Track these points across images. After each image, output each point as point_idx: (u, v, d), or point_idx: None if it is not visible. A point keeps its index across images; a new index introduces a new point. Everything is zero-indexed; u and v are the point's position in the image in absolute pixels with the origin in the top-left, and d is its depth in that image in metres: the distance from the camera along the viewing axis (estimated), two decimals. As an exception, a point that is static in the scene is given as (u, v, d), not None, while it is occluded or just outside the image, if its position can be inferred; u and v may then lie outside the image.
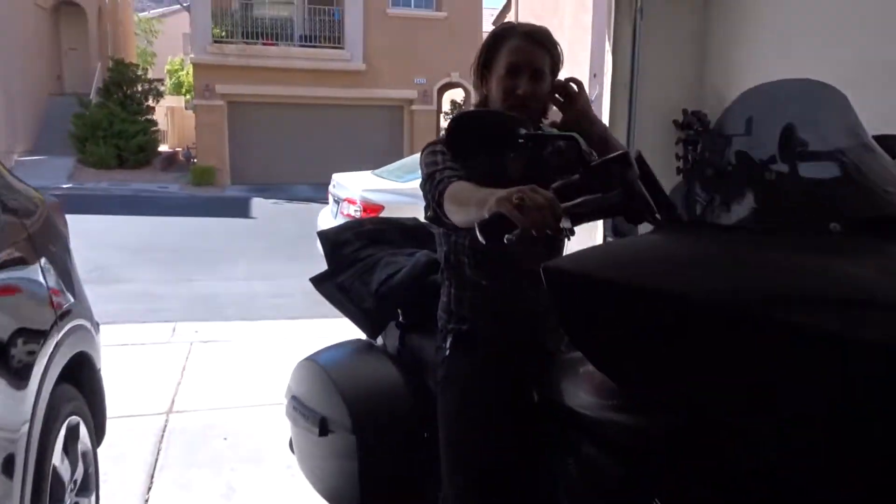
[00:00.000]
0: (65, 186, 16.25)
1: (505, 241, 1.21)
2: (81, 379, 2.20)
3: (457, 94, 21.96)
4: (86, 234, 10.19)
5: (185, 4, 19.54)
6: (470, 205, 1.38)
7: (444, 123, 22.49)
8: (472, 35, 19.44)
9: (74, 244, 2.51)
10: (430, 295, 2.03)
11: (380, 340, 2.26)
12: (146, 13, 32.64)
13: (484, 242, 1.24)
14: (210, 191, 16.95)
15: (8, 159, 17.01)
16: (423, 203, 1.68)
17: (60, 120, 18.41)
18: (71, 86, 20.70)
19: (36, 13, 19.45)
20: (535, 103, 1.68)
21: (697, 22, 3.78)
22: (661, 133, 3.81)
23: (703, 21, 3.81)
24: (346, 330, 2.36)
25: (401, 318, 2.17)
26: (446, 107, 22.70)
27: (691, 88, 3.84)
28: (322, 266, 2.28)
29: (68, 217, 2.52)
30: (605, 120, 3.81)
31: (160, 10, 32.86)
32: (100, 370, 2.34)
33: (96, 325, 2.49)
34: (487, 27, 24.15)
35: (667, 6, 3.72)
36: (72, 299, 2.19)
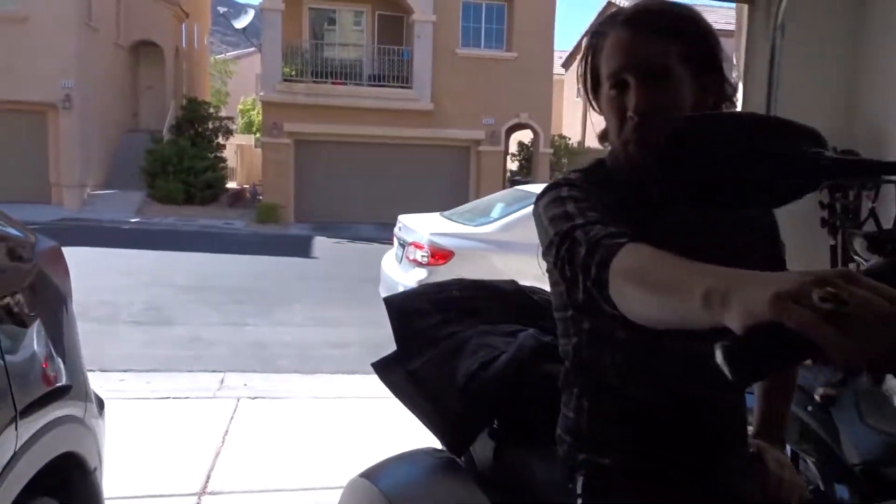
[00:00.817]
0: (132, 221, 16.39)
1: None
2: (68, 489, 1.64)
3: (525, 136, 21.49)
4: (144, 270, 10.04)
5: (257, 44, 19.81)
6: (676, 292, 0.75)
7: (511, 165, 22.03)
8: (542, 75, 19.06)
9: (131, 281, 1.98)
10: (542, 395, 1.43)
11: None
12: (222, 55, 33.68)
13: (733, 377, 0.61)
14: (274, 228, 16.80)
15: (81, 192, 17.34)
16: (498, 250, 1.10)
17: (134, 155, 18.74)
18: (146, 123, 21.16)
19: (115, 52, 20.03)
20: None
21: (849, 41, 3.10)
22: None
23: (855, 40, 3.13)
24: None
25: (496, 425, 1.55)
26: (513, 148, 22.24)
27: (839, 121, 3.14)
28: (384, 322, 1.69)
29: (132, 252, 2.00)
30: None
31: (235, 52, 33.90)
32: (95, 471, 1.77)
33: (100, 404, 1.95)
34: (558, 69, 23.77)
35: (812, 20, 3.06)
36: (61, 379, 1.64)
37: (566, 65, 27.78)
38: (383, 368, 1.63)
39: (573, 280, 0.98)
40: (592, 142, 21.75)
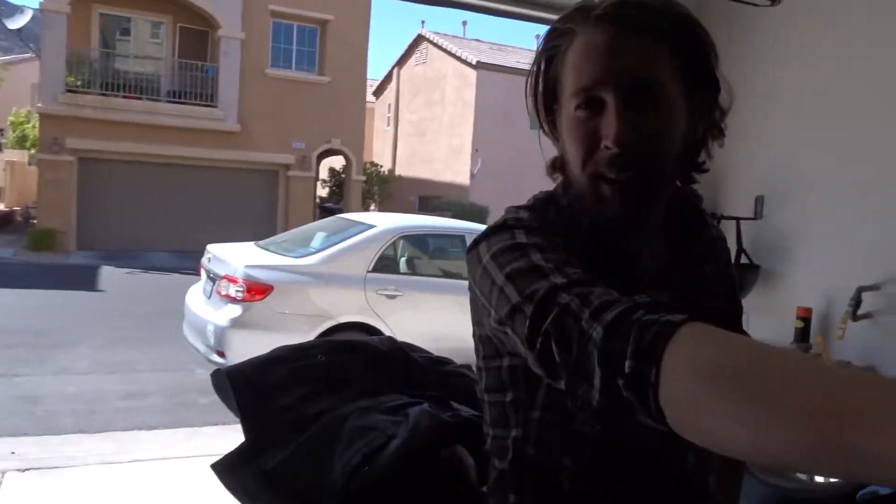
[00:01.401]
0: None
1: None
2: None
3: (336, 162, 21.10)
4: None
5: (35, 49, 17.56)
6: (835, 418, 0.45)
7: (321, 192, 21.54)
8: (355, 101, 18.91)
9: None
10: (447, 495, 1.13)
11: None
12: (-11, 59, 29.61)
13: None
14: (51, 257, 14.80)
15: None
16: (321, 283, 0.79)
17: None
18: None
19: None
20: (649, 164, 0.82)
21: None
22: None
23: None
24: (228, 439, 1.33)
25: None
26: (324, 174, 21.76)
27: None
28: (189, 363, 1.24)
29: None
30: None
31: (7, 57, 29.97)
32: None
33: None
34: (369, 97, 23.79)
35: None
36: None
37: (377, 93, 27.92)
38: (227, 469, 1.19)
39: (578, 372, 0.66)
40: (402, 170, 22.07)
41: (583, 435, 0.86)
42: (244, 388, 1.25)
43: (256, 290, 5.21)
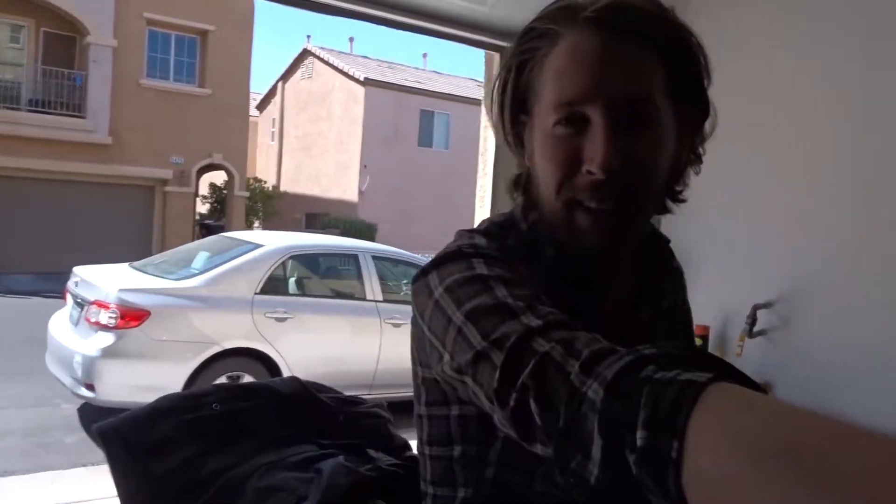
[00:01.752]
0: None
1: None
2: None
3: (218, 177, 20.24)
4: None
5: None
6: None
7: (201, 208, 20.60)
8: (237, 115, 18.26)
9: None
10: None
11: None
12: None
13: None
14: None
15: None
16: (204, 308, 0.65)
17: None
18: None
19: None
20: (635, 195, 0.74)
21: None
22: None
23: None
24: (98, 483, 1.14)
25: None
26: (204, 190, 20.83)
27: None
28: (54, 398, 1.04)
29: None
30: (487, 210, 2.97)
31: None
32: None
33: None
34: (252, 111, 23.09)
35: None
36: None
37: (261, 107, 27.15)
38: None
39: (568, 439, 0.53)
40: (287, 186, 21.47)
41: (546, 497, 0.75)
42: (121, 451, 1.06)
43: (131, 315, 4.79)
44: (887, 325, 2.38)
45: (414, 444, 0.99)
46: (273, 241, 5.83)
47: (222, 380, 5.05)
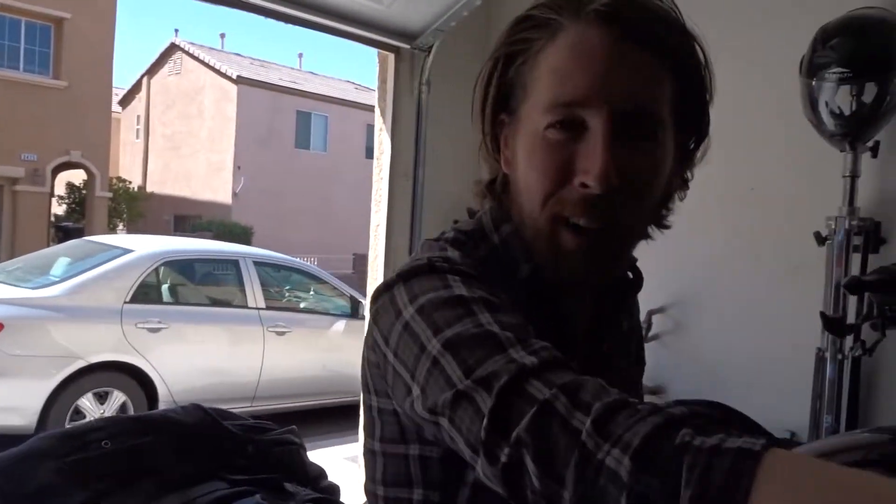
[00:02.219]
0: None
1: None
2: None
3: (77, 176, 18.78)
4: None
5: None
6: None
7: (58, 209, 19.08)
8: (98, 110, 17.06)
9: None
10: None
11: None
12: None
13: None
14: None
15: None
16: (66, 319, 0.53)
17: None
18: None
19: None
20: (630, 216, 0.67)
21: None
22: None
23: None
24: None
25: None
26: (61, 190, 19.27)
27: (470, 183, 3.14)
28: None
29: None
30: (383, 213, 2.88)
31: None
32: None
33: None
34: (115, 107, 21.64)
35: (456, 79, 3.01)
36: None
37: (124, 103, 25.47)
38: None
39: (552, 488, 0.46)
40: (154, 186, 20.30)
41: None
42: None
43: (-22, 330, 4.29)
44: (765, 327, 2.52)
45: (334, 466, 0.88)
46: (144, 246, 5.42)
47: (88, 397, 4.63)
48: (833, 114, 2.30)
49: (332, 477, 1.26)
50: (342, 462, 4.07)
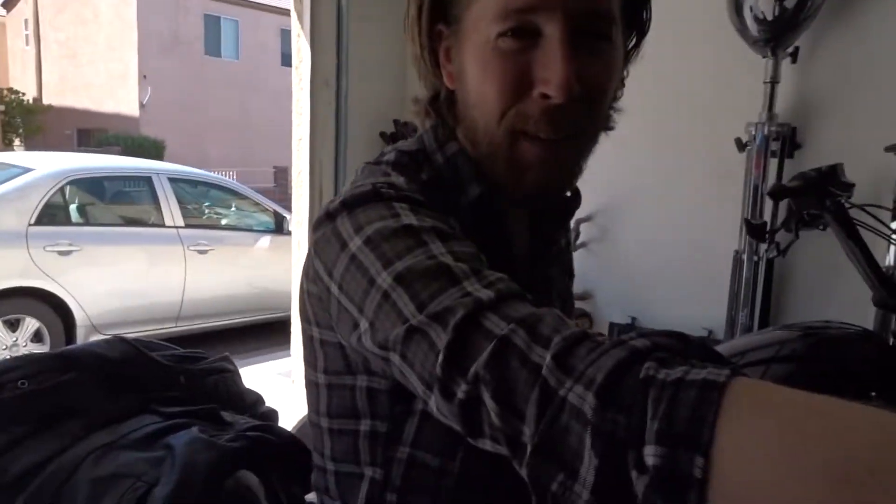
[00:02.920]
0: None
1: None
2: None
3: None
4: None
5: None
6: None
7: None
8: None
9: None
10: None
11: None
12: None
13: None
14: None
15: None
16: None
17: None
18: None
19: None
20: (589, 125, 0.66)
21: (404, 6, 2.98)
22: (372, 146, 2.93)
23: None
24: None
25: None
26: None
27: (398, 92, 3.04)
28: None
29: None
30: (305, 126, 2.76)
31: None
32: None
33: None
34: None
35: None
36: None
37: (8, 5, 23.20)
38: None
39: (545, 453, 0.44)
40: (52, 98, 18.94)
41: (466, 478, 0.67)
42: None
43: None
44: (687, 232, 2.60)
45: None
46: (46, 165, 5.06)
47: (-3, 326, 4.41)
48: (757, 19, 2.32)
49: (267, 393, 1.24)
50: (275, 377, 4.07)
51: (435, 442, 0.66)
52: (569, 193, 0.79)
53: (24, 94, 20.56)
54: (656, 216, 2.65)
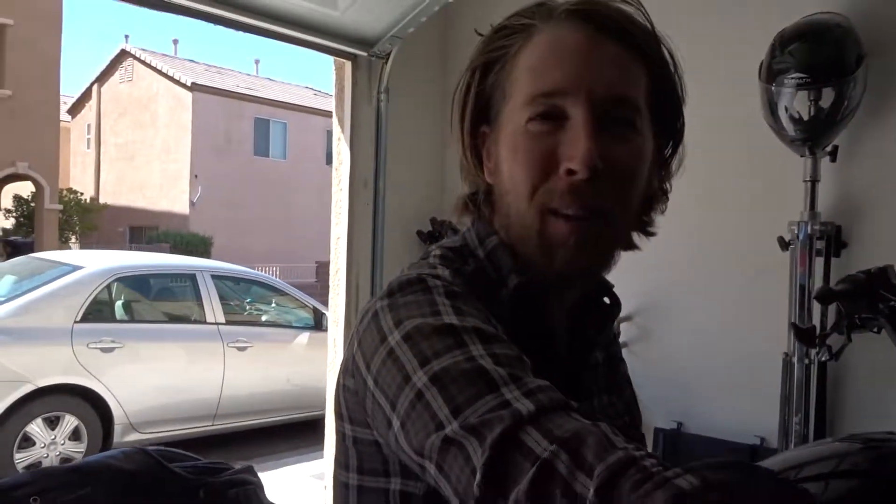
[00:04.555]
0: None
1: None
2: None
3: (24, 189, 18.19)
4: None
5: None
6: None
7: (5, 223, 18.50)
8: (46, 120, 16.59)
9: None
10: None
11: None
12: None
13: None
14: None
15: None
16: (10, 342, 0.53)
17: None
18: None
19: None
20: (618, 203, 0.65)
21: (439, 109, 3.08)
22: (408, 244, 2.95)
23: (444, 108, 3.14)
24: None
25: None
26: (8, 203, 18.67)
27: (435, 190, 3.09)
28: None
29: None
30: (343, 225, 2.80)
31: None
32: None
33: None
34: (64, 116, 21.07)
35: (410, 88, 2.94)
36: None
37: (73, 111, 24.81)
38: None
39: None
40: (107, 198, 19.83)
41: None
42: None
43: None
44: (731, 332, 2.51)
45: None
46: (94, 262, 5.22)
47: (38, 422, 4.43)
48: (792, 118, 2.30)
49: (299, 496, 1.19)
50: (307, 480, 3.97)
51: None
52: (608, 300, 0.78)
53: (82, 193, 21.61)
54: (699, 316, 2.57)
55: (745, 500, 0.40)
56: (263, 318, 5.91)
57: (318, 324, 5.85)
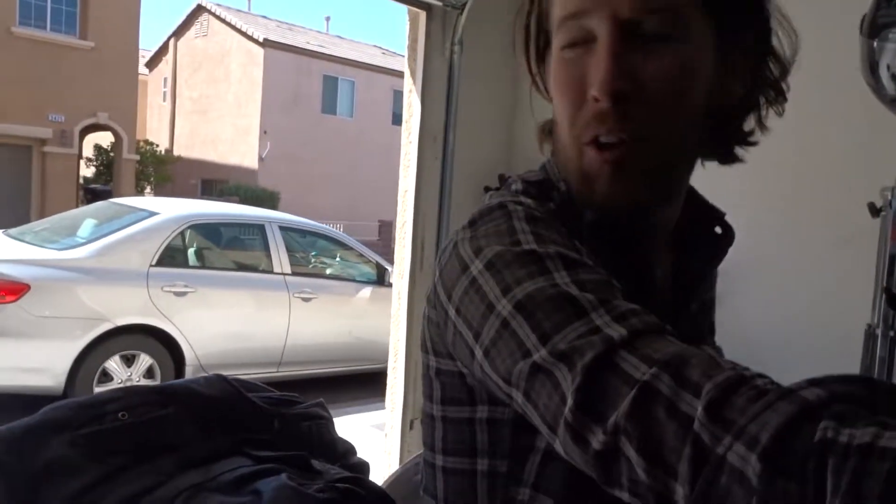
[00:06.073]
0: None
1: None
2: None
3: (104, 139, 18.90)
4: None
5: None
6: None
7: (86, 171, 19.29)
8: (125, 72, 17.09)
9: None
10: None
11: None
12: None
13: None
14: None
15: None
16: (92, 281, 0.54)
17: None
18: None
19: None
20: (654, 126, 0.59)
21: (513, 63, 3.01)
22: (476, 200, 2.92)
23: (517, 63, 3.07)
24: None
25: None
26: (89, 152, 19.43)
27: (503, 149, 3.04)
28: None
29: None
30: (411, 178, 2.79)
31: None
32: None
33: None
34: (142, 69, 21.66)
35: (484, 41, 2.88)
36: None
37: (151, 65, 25.49)
38: None
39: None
40: (181, 150, 20.31)
41: None
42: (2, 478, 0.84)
43: (7, 289, 4.31)
44: (810, 300, 2.41)
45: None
46: (170, 209, 5.40)
47: (115, 360, 4.66)
48: (894, 77, 2.16)
49: (359, 445, 1.21)
50: (369, 430, 4.06)
51: (558, 484, 0.60)
52: (718, 229, 0.74)
53: (157, 145, 22.31)
54: (777, 280, 2.47)
55: (874, 412, 0.37)
56: (328, 271, 6.02)
57: (381, 279, 5.92)
